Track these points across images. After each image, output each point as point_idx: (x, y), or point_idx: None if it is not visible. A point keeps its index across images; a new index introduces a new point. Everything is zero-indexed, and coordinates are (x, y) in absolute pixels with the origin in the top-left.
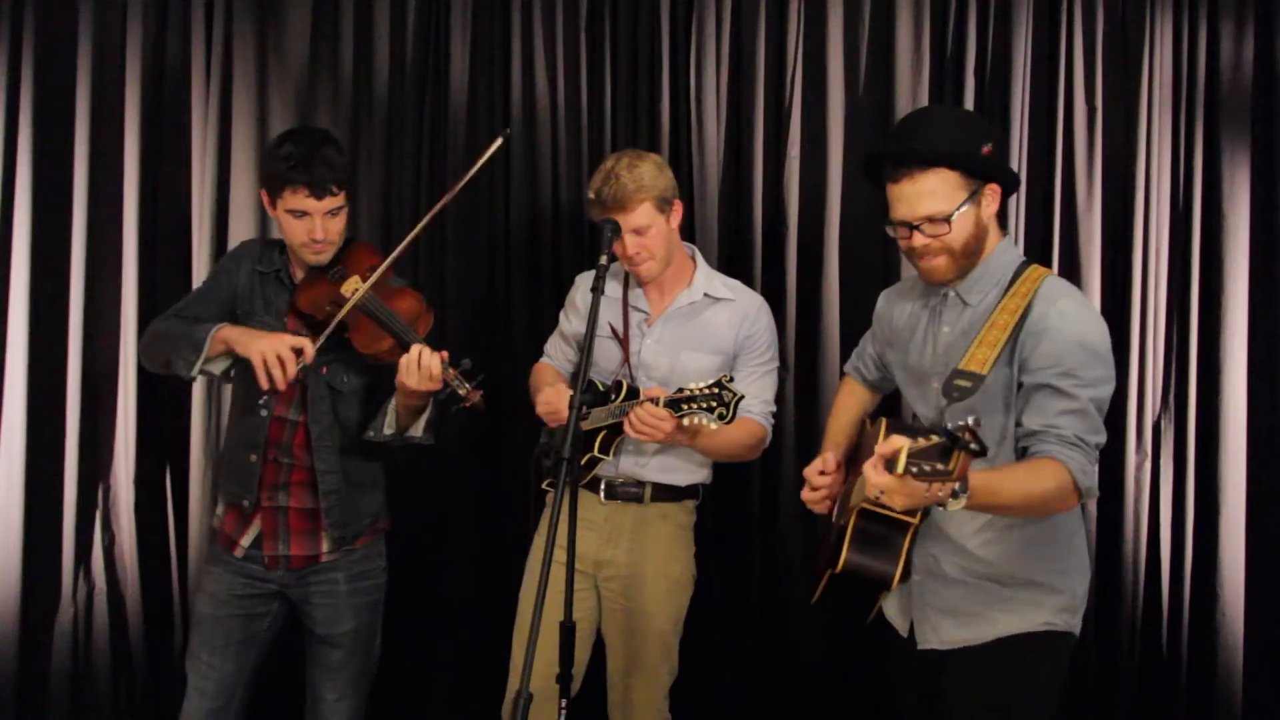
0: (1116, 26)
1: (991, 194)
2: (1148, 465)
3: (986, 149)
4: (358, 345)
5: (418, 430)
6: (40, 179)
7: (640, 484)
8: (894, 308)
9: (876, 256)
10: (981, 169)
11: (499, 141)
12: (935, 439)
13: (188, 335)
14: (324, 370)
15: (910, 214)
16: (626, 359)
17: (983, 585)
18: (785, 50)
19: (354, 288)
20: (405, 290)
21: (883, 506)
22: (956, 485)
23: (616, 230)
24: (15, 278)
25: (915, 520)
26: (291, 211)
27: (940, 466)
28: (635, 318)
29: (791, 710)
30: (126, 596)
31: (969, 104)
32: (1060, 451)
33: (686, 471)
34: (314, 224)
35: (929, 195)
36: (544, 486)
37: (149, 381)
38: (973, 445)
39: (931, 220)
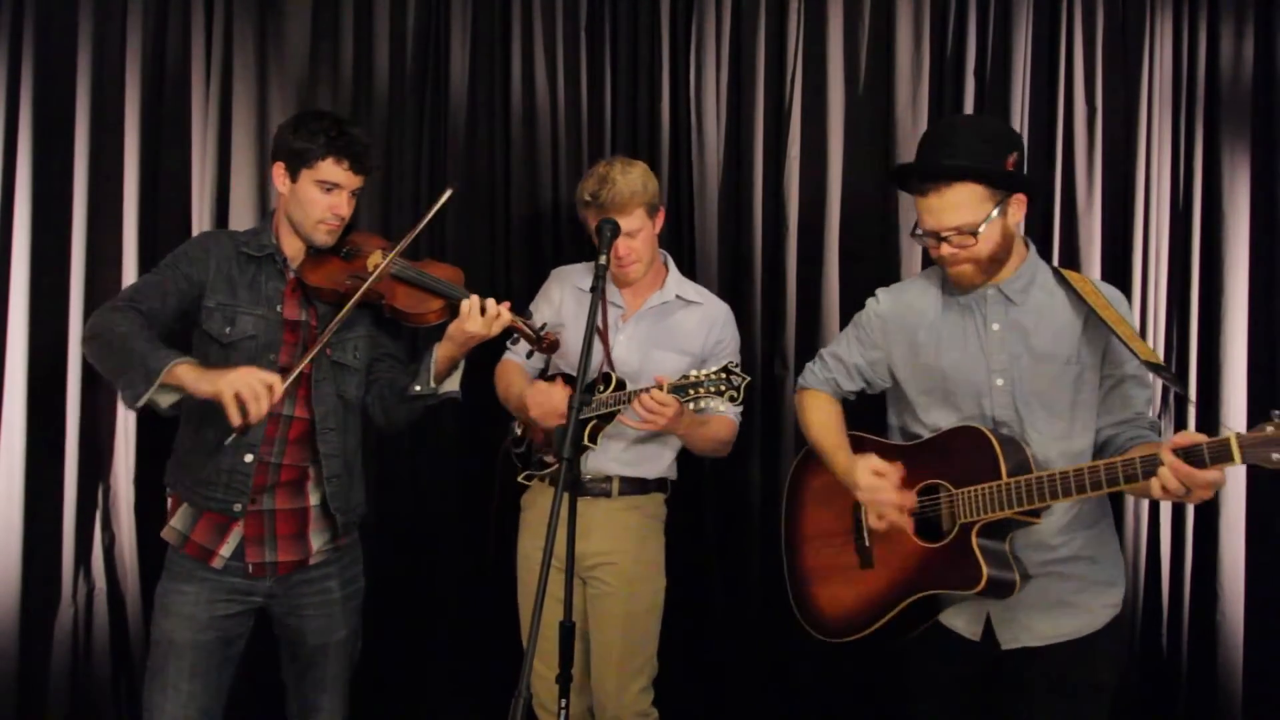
0: (1116, 26)
1: (1017, 203)
2: None
3: (1011, 159)
4: (403, 309)
5: (454, 384)
6: (40, 179)
7: (608, 478)
8: (904, 308)
9: (876, 256)
10: (1005, 181)
11: (448, 194)
12: None
13: (141, 359)
14: (329, 352)
15: (937, 225)
16: (607, 353)
17: (1067, 572)
18: (785, 50)
19: (377, 261)
20: (431, 260)
21: (1030, 515)
22: None
23: (616, 230)
24: (15, 277)
25: (1039, 520)
26: (322, 183)
27: None
28: (611, 313)
29: (793, 709)
30: (126, 596)
31: (969, 104)
32: (1154, 438)
33: (655, 463)
34: (341, 199)
35: (955, 208)
36: (520, 480)
37: None
38: None
39: (959, 231)
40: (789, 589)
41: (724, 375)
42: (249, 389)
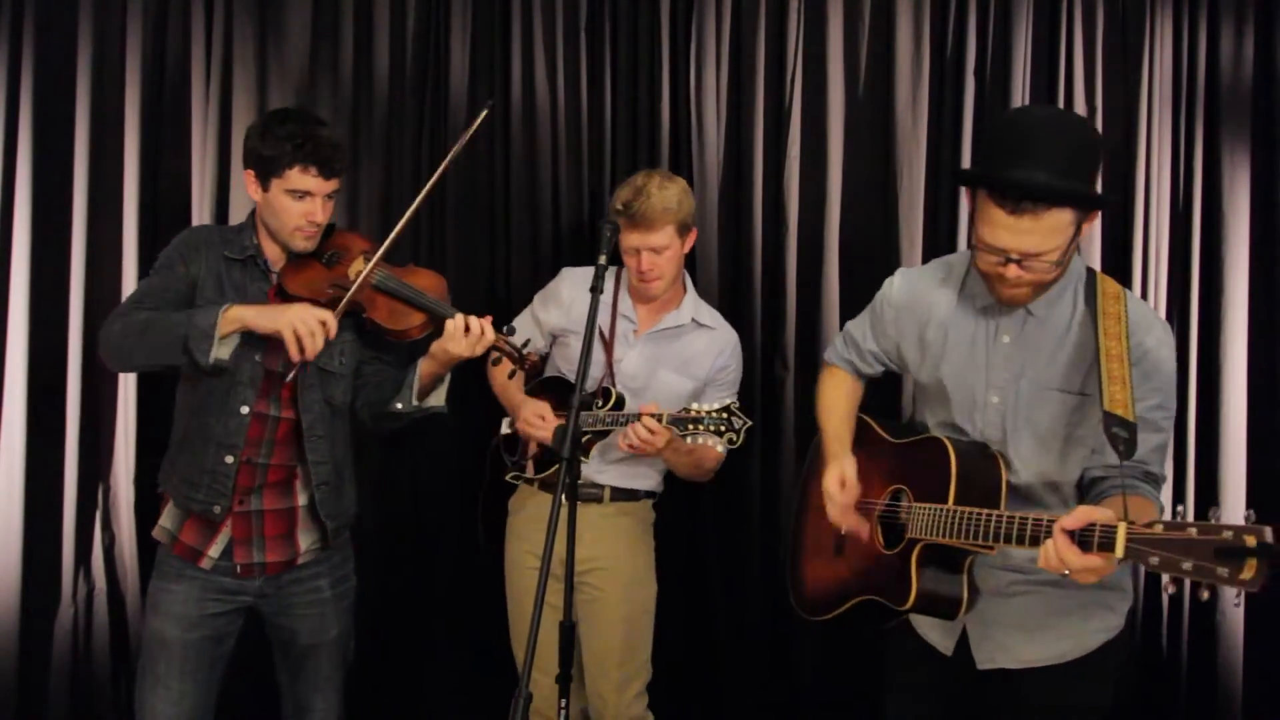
0: (1116, 26)
1: (1089, 221)
2: None
3: (1096, 176)
4: (384, 323)
5: (439, 399)
6: (40, 178)
7: (599, 486)
8: (923, 301)
9: (876, 257)
10: (1095, 205)
11: (484, 113)
12: (1193, 531)
13: (187, 323)
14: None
15: (1018, 247)
16: (609, 364)
17: (1045, 591)
18: (785, 50)
19: (359, 269)
20: (414, 267)
21: (978, 545)
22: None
23: (616, 230)
24: (15, 277)
25: (992, 551)
26: (292, 192)
27: (1224, 571)
28: (622, 326)
29: (792, 711)
30: (126, 596)
31: (969, 104)
32: (1151, 493)
33: (646, 479)
34: (315, 205)
35: (1047, 233)
36: (508, 479)
37: (149, 381)
38: None
39: (1041, 258)
40: (787, 557)
41: (725, 416)
42: (305, 325)
